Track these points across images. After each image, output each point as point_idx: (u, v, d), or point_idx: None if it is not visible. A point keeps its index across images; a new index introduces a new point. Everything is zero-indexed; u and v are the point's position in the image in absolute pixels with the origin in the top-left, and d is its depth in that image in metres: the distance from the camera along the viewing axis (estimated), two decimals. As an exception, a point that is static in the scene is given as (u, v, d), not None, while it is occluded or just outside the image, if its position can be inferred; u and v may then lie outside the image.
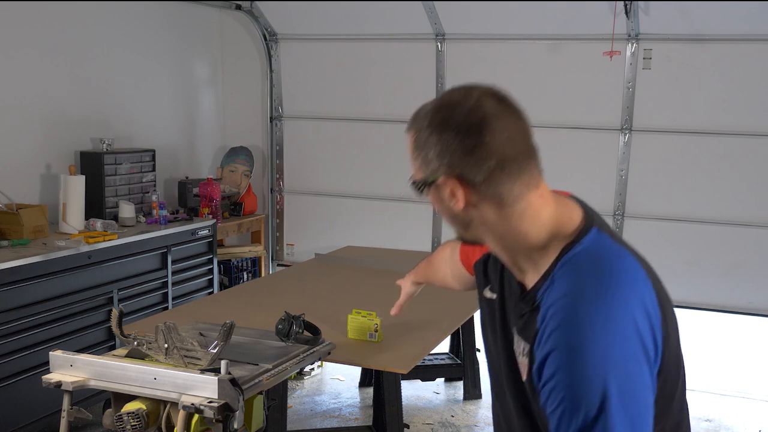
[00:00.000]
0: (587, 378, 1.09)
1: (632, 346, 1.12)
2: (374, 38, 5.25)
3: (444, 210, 1.26)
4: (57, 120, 4.35)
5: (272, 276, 5.35)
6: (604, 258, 1.19)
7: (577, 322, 1.12)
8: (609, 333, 1.11)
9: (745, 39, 4.40)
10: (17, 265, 3.44)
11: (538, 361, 1.15)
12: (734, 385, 4.88)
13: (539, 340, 1.16)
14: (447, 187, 1.21)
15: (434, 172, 1.21)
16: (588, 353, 1.09)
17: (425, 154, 1.22)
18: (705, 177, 4.65)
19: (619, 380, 1.09)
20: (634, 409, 1.10)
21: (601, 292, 1.14)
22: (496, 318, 1.36)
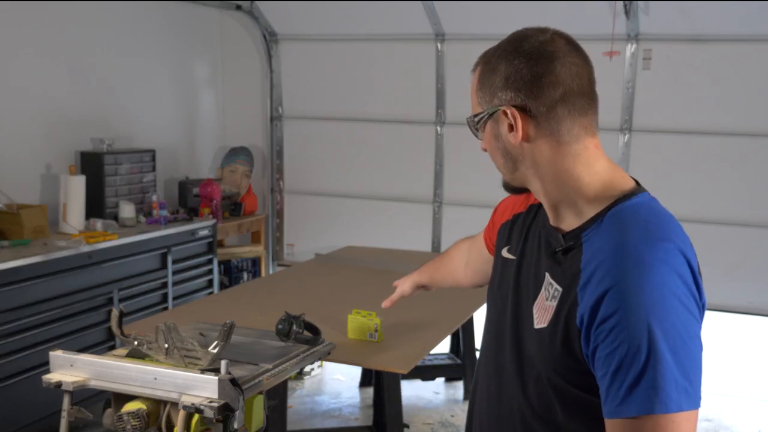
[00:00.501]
0: (649, 313, 1.08)
1: (686, 294, 1.12)
2: (374, 38, 5.25)
3: (497, 148, 1.26)
4: (57, 120, 4.35)
5: (272, 276, 5.35)
6: (659, 213, 1.21)
7: (639, 261, 1.11)
8: (670, 271, 1.11)
9: (745, 39, 4.40)
10: (17, 265, 3.44)
11: (593, 299, 1.12)
12: (734, 385, 4.89)
13: (589, 279, 1.14)
14: (507, 119, 1.22)
15: (498, 101, 1.22)
16: (650, 289, 1.09)
17: (491, 83, 1.23)
18: (705, 177, 4.65)
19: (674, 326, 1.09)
20: (685, 355, 1.10)
21: (657, 233, 1.15)
22: (510, 275, 1.36)
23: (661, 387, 1.07)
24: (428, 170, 5.25)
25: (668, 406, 1.07)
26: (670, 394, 1.07)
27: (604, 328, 1.11)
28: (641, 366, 1.08)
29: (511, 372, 1.32)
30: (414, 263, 4.37)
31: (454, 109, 5.12)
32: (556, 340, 1.19)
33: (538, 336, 1.24)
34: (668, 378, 1.08)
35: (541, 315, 1.24)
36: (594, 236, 1.19)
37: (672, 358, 1.08)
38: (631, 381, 1.08)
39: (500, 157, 1.27)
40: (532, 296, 1.28)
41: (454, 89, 5.09)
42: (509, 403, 1.33)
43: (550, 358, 1.21)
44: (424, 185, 5.27)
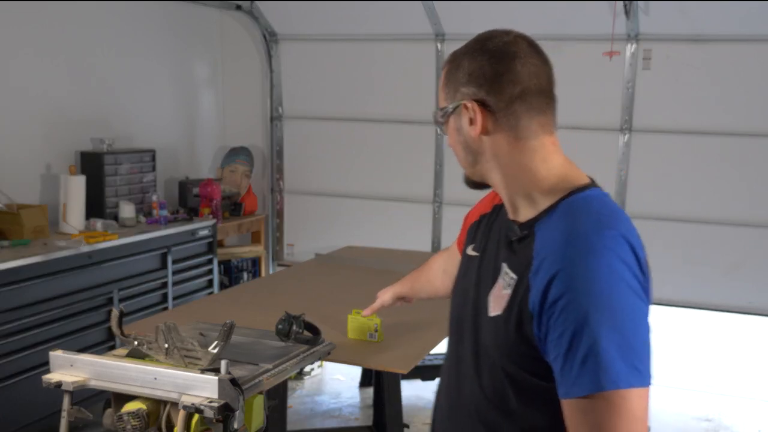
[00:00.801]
0: (596, 294, 1.13)
1: (632, 278, 1.17)
2: (374, 38, 5.25)
3: (459, 141, 1.33)
4: (57, 120, 4.35)
5: (272, 276, 5.35)
6: (609, 205, 1.27)
7: (587, 247, 1.16)
8: (615, 256, 1.16)
9: (745, 39, 4.40)
10: (17, 265, 3.44)
11: (543, 283, 1.17)
12: (734, 385, 4.89)
13: (540, 265, 1.19)
14: (468, 113, 1.28)
15: (460, 96, 1.29)
16: (597, 272, 1.14)
17: (456, 78, 1.30)
18: (705, 177, 4.65)
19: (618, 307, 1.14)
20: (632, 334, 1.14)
21: (607, 223, 1.21)
22: (473, 270, 1.42)
23: (610, 364, 1.11)
24: (428, 170, 5.24)
25: (618, 383, 1.11)
26: (619, 371, 1.11)
27: (553, 311, 1.15)
28: (590, 346, 1.11)
29: (468, 362, 1.36)
30: (414, 263, 4.37)
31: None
32: (510, 326, 1.24)
33: (492, 324, 1.28)
34: (616, 356, 1.11)
35: (496, 303, 1.29)
36: (546, 225, 1.25)
37: (619, 337, 1.12)
38: (581, 361, 1.12)
39: (461, 150, 1.34)
40: (489, 286, 1.33)
41: (454, 89, 5.08)
42: (465, 393, 1.37)
43: (504, 345, 1.25)
44: (424, 185, 5.27)
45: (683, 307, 4.80)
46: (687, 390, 4.80)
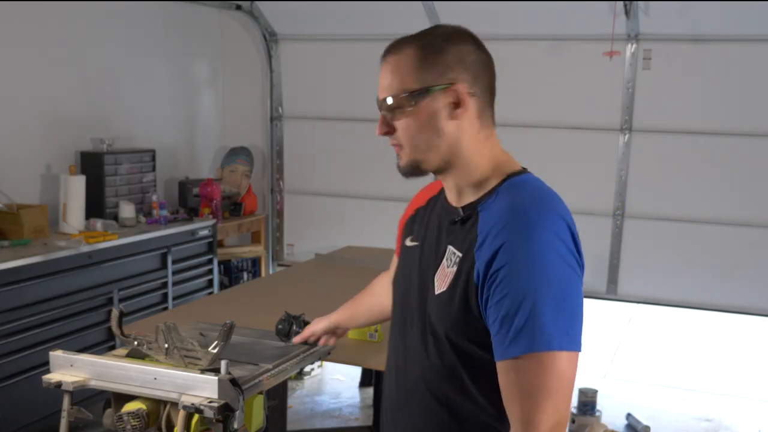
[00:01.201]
0: (535, 264, 1.22)
1: (566, 252, 1.26)
2: (374, 38, 5.20)
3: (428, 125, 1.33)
4: (57, 120, 4.35)
5: (272, 276, 5.35)
6: (544, 187, 1.36)
7: (527, 222, 1.25)
8: (552, 232, 1.25)
9: (745, 39, 4.40)
10: (17, 265, 3.44)
11: (488, 255, 1.25)
12: (734, 385, 4.89)
13: (483, 239, 1.27)
14: (449, 97, 1.32)
15: (445, 80, 1.31)
16: (537, 245, 1.23)
17: (440, 62, 1.32)
18: (705, 177, 4.65)
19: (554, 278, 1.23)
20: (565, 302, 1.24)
21: (544, 201, 1.31)
22: (414, 258, 1.48)
23: (544, 327, 1.20)
24: (428, 170, 5.24)
25: (550, 344, 1.20)
26: (552, 334, 1.21)
27: (495, 279, 1.24)
28: (527, 310, 1.21)
29: (417, 343, 1.42)
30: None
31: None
32: (455, 299, 1.31)
33: (438, 300, 1.35)
34: (550, 320, 1.21)
35: (441, 281, 1.36)
36: (488, 206, 1.33)
37: (554, 303, 1.21)
38: (518, 324, 1.21)
39: (425, 134, 1.35)
40: (433, 268, 1.40)
41: (454, 89, 5.08)
42: (415, 373, 1.43)
43: (450, 318, 1.32)
44: (423, 185, 5.26)
45: (683, 307, 4.80)
46: (687, 390, 4.80)
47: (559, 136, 4.79)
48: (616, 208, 4.79)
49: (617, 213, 4.79)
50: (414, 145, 1.36)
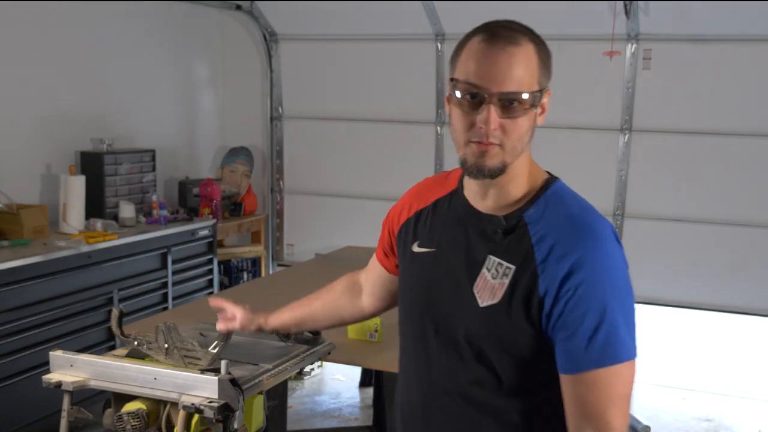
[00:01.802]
0: (612, 278, 1.26)
1: (624, 258, 1.31)
2: (374, 38, 5.24)
3: (529, 128, 1.30)
4: (57, 120, 4.35)
5: (272, 276, 5.35)
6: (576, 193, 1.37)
7: (594, 234, 1.28)
8: (615, 242, 1.29)
9: (745, 39, 4.40)
10: (17, 265, 3.44)
11: (561, 271, 1.25)
12: (734, 385, 4.88)
13: (548, 253, 1.27)
14: (544, 99, 1.32)
15: (548, 83, 1.33)
16: (610, 258, 1.27)
17: (550, 64, 1.33)
18: (705, 177, 4.65)
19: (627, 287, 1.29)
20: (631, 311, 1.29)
21: (595, 213, 1.33)
22: (428, 266, 1.42)
23: (624, 339, 1.25)
24: (428, 170, 5.24)
25: (630, 354, 1.26)
26: (630, 344, 1.26)
27: (572, 294, 1.24)
28: (608, 324, 1.24)
29: (444, 353, 1.38)
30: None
31: (454, 109, 5.11)
32: (512, 310, 1.29)
33: (486, 313, 1.31)
34: (626, 331, 1.26)
35: (487, 294, 1.32)
36: (535, 215, 1.31)
37: (627, 314, 1.27)
38: (600, 338, 1.24)
39: (528, 136, 1.31)
40: (468, 279, 1.34)
41: (454, 89, 5.08)
42: (444, 381, 1.39)
43: (504, 331, 1.30)
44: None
45: (683, 307, 4.80)
46: (687, 390, 4.80)
47: (558, 135, 4.78)
48: (616, 208, 4.79)
49: (617, 213, 4.79)
50: (514, 146, 1.28)
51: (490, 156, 1.27)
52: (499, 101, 1.24)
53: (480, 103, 1.25)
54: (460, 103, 1.27)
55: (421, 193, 1.52)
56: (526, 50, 1.27)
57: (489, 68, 1.25)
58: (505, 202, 1.34)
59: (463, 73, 1.27)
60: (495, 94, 1.24)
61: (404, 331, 1.50)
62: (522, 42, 1.28)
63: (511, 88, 1.24)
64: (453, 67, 1.32)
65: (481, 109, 1.25)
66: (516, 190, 1.34)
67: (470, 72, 1.26)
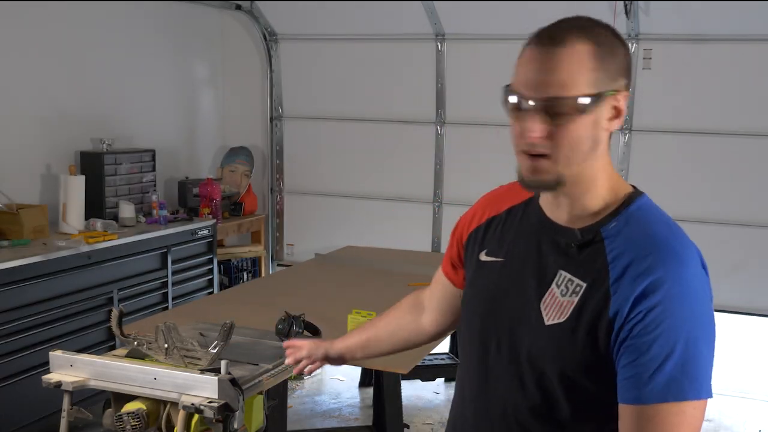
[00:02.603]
0: (691, 305, 1.16)
1: (709, 286, 1.22)
2: (374, 38, 5.24)
3: (589, 136, 1.19)
4: (57, 120, 4.35)
5: (272, 276, 5.35)
6: (665, 213, 1.26)
7: (675, 256, 1.17)
8: (699, 267, 1.21)
9: (745, 39, 4.40)
10: (17, 265, 3.44)
11: (634, 292, 1.15)
12: (734, 385, 4.88)
13: (623, 273, 1.17)
14: (613, 102, 1.19)
15: (616, 85, 1.20)
16: (691, 283, 1.17)
17: (613, 64, 1.20)
18: (705, 177, 4.65)
19: (708, 318, 1.18)
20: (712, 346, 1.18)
21: (681, 234, 1.23)
22: (494, 276, 1.34)
23: (696, 375, 1.14)
24: (428, 170, 5.24)
25: (699, 394, 1.14)
26: (702, 382, 1.15)
27: (644, 318, 1.14)
28: (680, 356, 1.13)
29: (506, 373, 1.29)
30: (414, 263, 4.38)
31: (454, 109, 5.12)
32: (579, 332, 1.19)
33: (550, 332, 1.22)
34: (702, 367, 1.15)
35: (554, 311, 1.23)
36: (614, 232, 1.21)
37: (706, 349, 1.15)
38: (668, 370, 1.13)
39: (587, 144, 1.19)
40: (536, 294, 1.26)
41: (454, 89, 5.09)
42: (501, 404, 1.30)
43: (568, 352, 1.21)
44: (424, 185, 5.27)
45: (683, 307, 4.79)
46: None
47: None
48: (616, 208, 4.78)
49: (617, 213, 4.78)
50: (569, 156, 1.18)
51: (541, 170, 1.19)
52: (543, 108, 1.16)
53: (525, 110, 1.18)
54: (510, 110, 1.21)
55: (496, 199, 1.42)
56: (573, 51, 1.18)
57: (529, 73, 1.18)
58: (580, 214, 1.24)
59: (514, 79, 1.21)
60: (534, 99, 1.17)
61: (464, 344, 1.41)
62: (569, 42, 1.19)
63: (551, 93, 1.15)
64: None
65: (524, 117, 1.18)
66: (592, 202, 1.24)
67: (518, 78, 1.20)
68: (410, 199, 5.33)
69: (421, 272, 4.00)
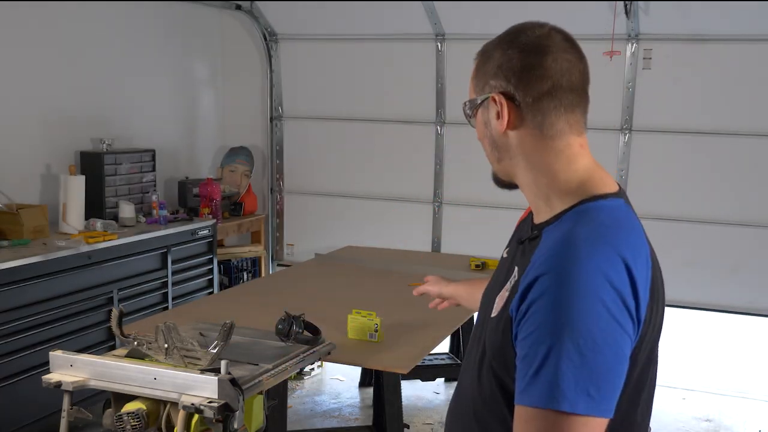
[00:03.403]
0: (567, 306, 1.06)
1: (614, 301, 1.08)
2: (374, 38, 5.25)
3: (486, 135, 1.29)
4: (57, 120, 4.35)
5: (272, 276, 5.35)
6: (618, 217, 1.20)
7: (575, 258, 1.10)
8: (601, 273, 1.08)
9: (745, 39, 4.40)
10: (17, 265, 3.44)
11: (523, 286, 1.13)
12: (734, 385, 4.89)
13: (530, 268, 1.15)
14: (495, 106, 1.24)
15: (488, 89, 1.25)
16: (576, 284, 1.07)
17: (485, 71, 1.27)
18: (705, 177, 4.65)
19: (584, 327, 1.06)
20: (594, 359, 1.06)
21: (605, 235, 1.14)
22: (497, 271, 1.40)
23: (558, 383, 1.05)
24: (428, 170, 5.24)
25: (561, 404, 1.04)
26: (565, 392, 1.04)
27: (526, 313, 1.11)
28: (544, 357, 1.06)
29: (474, 364, 1.32)
30: (414, 263, 4.38)
31: (454, 109, 5.12)
32: (500, 326, 1.21)
33: (490, 324, 1.26)
34: (569, 377, 1.04)
35: (498, 304, 1.26)
36: (552, 230, 1.21)
37: (578, 358, 1.05)
38: (534, 371, 1.07)
39: (488, 145, 1.30)
40: (499, 287, 1.29)
41: (454, 89, 5.09)
42: (467, 395, 1.33)
43: (495, 345, 1.22)
44: (424, 185, 5.27)
45: (683, 307, 4.79)
46: (687, 390, 4.80)
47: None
48: (616, 208, 4.78)
49: (617, 213, 4.78)
50: (486, 154, 1.32)
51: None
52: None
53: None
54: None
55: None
56: (473, 67, 1.31)
57: None
58: (539, 213, 1.28)
59: None
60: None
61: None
62: (476, 59, 1.31)
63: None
64: None
65: None
66: (538, 202, 1.27)
67: None
68: (410, 199, 5.33)
69: (421, 272, 3.99)
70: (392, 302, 3.38)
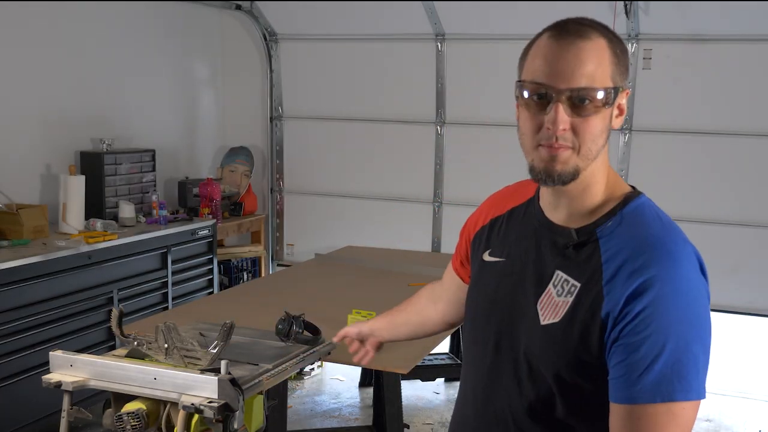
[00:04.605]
0: (684, 308, 1.15)
1: (706, 287, 1.23)
2: (374, 38, 5.24)
3: (604, 130, 1.20)
4: (57, 120, 4.35)
5: (272, 276, 5.35)
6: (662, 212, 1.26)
7: (669, 256, 1.16)
8: (695, 268, 1.20)
9: (745, 39, 4.40)
10: (17, 265, 3.44)
11: (626, 292, 1.14)
12: (734, 385, 4.88)
13: (615, 274, 1.16)
14: (619, 100, 1.22)
15: (623, 82, 1.21)
16: (684, 283, 1.16)
17: (625, 62, 1.22)
18: (705, 177, 4.65)
19: (702, 319, 1.19)
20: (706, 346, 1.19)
21: (679, 232, 1.22)
22: (496, 276, 1.35)
23: (687, 376, 1.13)
24: (428, 170, 5.24)
25: (688, 394, 1.13)
26: (692, 383, 1.14)
27: (635, 318, 1.13)
28: (671, 355, 1.12)
29: (503, 372, 1.30)
30: (414, 263, 4.38)
31: (454, 109, 5.12)
32: (572, 333, 1.20)
33: (545, 332, 1.23)
34: (693, 368, 1.14)
35: (550, 311, 1.23)
36: (609, 232, 1.21)
37: (699, 350, 1.15)
38: (658, 369, 1.12)
39: (603, 138, 1.21)
40: (534, 294, 1.26)
41: (454, 89, 5.09)
42: (499, 404, 1.31)
43: (563, 352, 1.21)
44: (424, 185, 5.27)
45: (683, 307, 4.80)
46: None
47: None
48: (616, 208, 4.78)
49: (617, 213, 4.78)
50: (588, 149, 1.18)
51: (561, 161, 1.18)
52: (569, 99, 1.15)
53: (548, 102, 1.16)
54: (527, 105, 1.19)
55: (500, 200, 1.44)
56: (597, 45, 1.19)
57: (557, 64, 1.17)
58: (578, 214, 1.24)
59: (530, 73, 1.20)
60: (563, 91, 1.15)
61: (467, 343, 1.44)
62: (593, 36, 1.20)
63: (581, 84, 1.15)
64: (521, 69, 1.24)
65: (549, 109, 1.16)
66: (590, 201, 1.24)
67: (537, 70, 1.18)
68: (410, 199, 5.33)
69: (421, 272, 4.00)
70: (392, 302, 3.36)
